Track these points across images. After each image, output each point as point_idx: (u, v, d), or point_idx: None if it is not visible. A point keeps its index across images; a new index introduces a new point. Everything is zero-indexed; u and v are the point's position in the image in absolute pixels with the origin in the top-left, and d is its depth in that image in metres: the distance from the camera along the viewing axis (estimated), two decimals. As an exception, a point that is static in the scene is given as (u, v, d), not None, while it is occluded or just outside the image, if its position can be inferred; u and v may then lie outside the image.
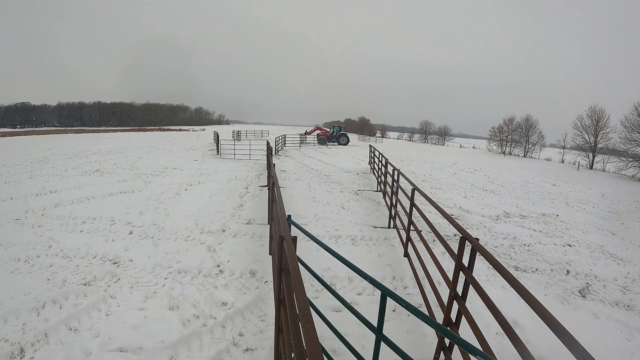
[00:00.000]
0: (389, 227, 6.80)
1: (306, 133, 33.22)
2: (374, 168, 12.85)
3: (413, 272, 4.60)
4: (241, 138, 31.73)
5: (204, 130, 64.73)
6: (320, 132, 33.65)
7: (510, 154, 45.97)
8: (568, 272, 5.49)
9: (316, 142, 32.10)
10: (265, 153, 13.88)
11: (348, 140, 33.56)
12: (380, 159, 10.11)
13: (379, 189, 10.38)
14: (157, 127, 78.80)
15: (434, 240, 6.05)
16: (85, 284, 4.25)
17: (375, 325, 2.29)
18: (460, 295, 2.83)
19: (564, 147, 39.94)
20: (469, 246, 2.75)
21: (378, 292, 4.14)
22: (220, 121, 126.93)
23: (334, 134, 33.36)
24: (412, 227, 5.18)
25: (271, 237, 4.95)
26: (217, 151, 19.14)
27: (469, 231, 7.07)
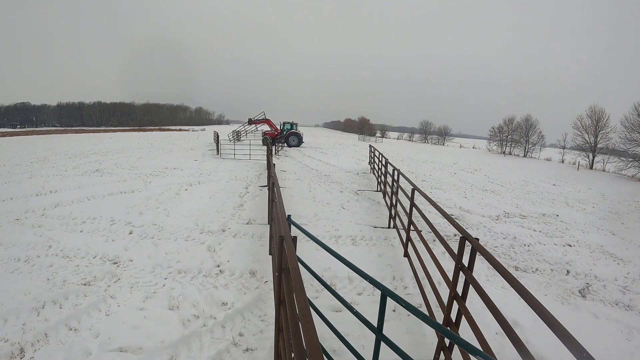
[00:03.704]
0: (389, 227, 6.80)
1: (250, 121, 27.09)
2: (374, 168, 12.85)
3: (413, 272, 4.60)
4: (241, 138, 31.53)
5: (204, 130, 64.71)
6: (268, 128, 27.72)
7: (510, 154, 45.98)
8: (568, 272, 5.49)
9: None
10: (265, 153, 13.87)
11: (300, 141, 26.93)
12: (380, 159, 10.11)
13: (379, 189, 10.38)
14: (157, 127, 78.72)
15: (434, 240, 6.05)
16: (85, 284, 4.25)
17: (375, 325, 2.29)
18: (460, 295, 2.83)
19: (564, 147, 39.94)
20: (469, 246, 2.75)
21: (378, 292, 4.14)
22: (220, 121, 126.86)
23: (282, 133, 27.12)
24: (412, 227, 5.17)
25: (271, 237, 4.95)
26: (217, 151, 19.13)
27: (469, 231, 7.07)
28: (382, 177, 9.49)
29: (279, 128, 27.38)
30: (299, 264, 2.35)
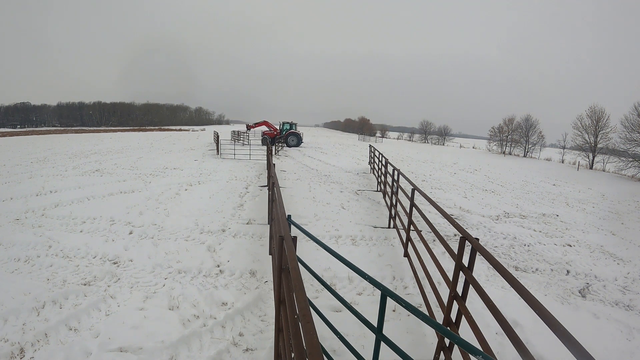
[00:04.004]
0: (389, 227, 6.80)
1: (248, 127, 27.99)
2: (374, 168, 12.85)
3: (413, 272, 4.60)
4: (241, 140, 31.52)
5: (204, 130, 64.72)
6: (267, 129, 28.01)
7: (510, 154, 45.99)
8: (568, 272, 5.49)
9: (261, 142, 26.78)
10: (265, 153, 13.87)
11: (300, 141, 27.05)
12: (380, 159, 10.11)
13: (379, 189, 10.38)
14: (157, 127, 78.74)
15: (434, 240, 6.05)
16: (85, 284, 4.25)
17: (375, 325, 2.29)
18: (460, 295, 2.83)
19: (564, 147, 39.95)
20: (469, 246, 2.75)
21: (378, 292, 4.14)
22: (220, 121, 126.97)
23: (282, 133, 27.25)
24: (412, 227, 5.17)
25: (271, 237, 4.95)
26: (217, 151, 19.13)
27: (469, 231, 7.07)
28: (382, 177, 9.49)
29: (277, 128, 27.49)
30: (299, 264, 2.35)
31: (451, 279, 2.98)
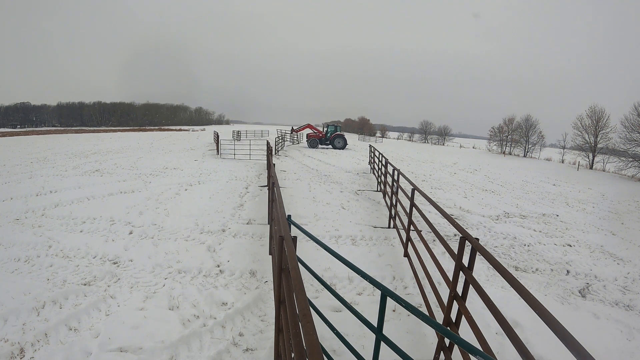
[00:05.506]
0: (389, 227, 6.80)
1: (293, 130, 28.30)
2: (374, 168, 12.85)
3: (413, 272, 4.60)
4: (241, 138, 31.65)
5: (204, 130, 64.75)
6: (311, 131, 28.51)
7: (510, 154, 46.01)
8: (568, 272, 5.49)
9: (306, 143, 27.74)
10: (265, 153, 13.87)
11: (345, 143, 27.58)
12: (380, 159, 10.11)
13: (379, 189, 10.38)
14: (157, 127, 78.83)
15: (434, 240, 6.04)
16: (85, 284, 4.25)
17: (375, 325, 2.29)
18: (460, 295, 2.83)
19: (564, 147, 40.00)
20: (469, 246, 2.75)
21: (378, 292, 4.14)
22: (220, 121, 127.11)
23: (327, 135, 27.66)
24: (412, 227, 5.17)
25: (271, 237, 4.95)
26: (217, 151, 19.14)
27: (469, 231, 7.07)
28: (382, 177, 9.49)
29: (321, 130, 28.16)
30: (299, 264, 2.35)
31: (451, 279, 2.98)
